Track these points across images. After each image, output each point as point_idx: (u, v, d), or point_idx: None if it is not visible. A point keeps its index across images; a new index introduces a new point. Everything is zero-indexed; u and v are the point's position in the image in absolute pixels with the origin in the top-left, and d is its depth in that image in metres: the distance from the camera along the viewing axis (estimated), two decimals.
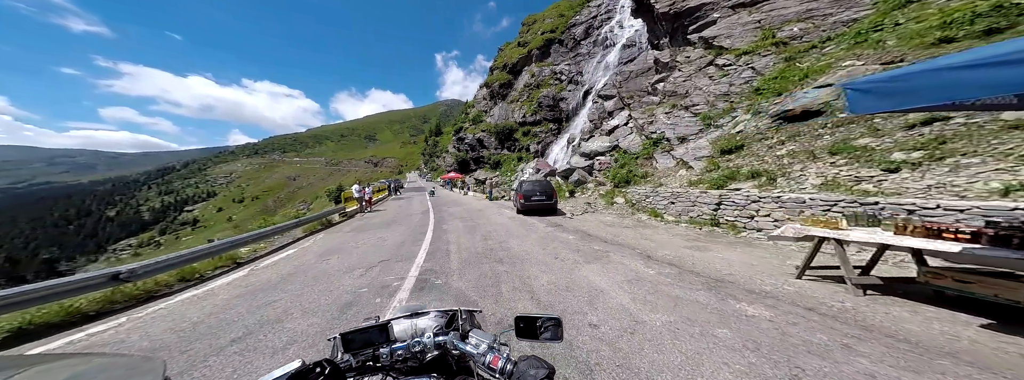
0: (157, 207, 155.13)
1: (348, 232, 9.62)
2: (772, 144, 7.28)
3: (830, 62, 7.79)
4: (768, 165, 6.78)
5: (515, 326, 0.97)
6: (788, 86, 8.29)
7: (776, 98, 8.39)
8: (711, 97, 11.38)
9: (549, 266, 5.00)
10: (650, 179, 11.16)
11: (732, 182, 7.00)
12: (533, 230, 8.28)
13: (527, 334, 0.96)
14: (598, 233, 7.41)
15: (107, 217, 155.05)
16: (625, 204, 10.99)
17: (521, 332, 0.97)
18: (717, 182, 7.25)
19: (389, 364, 0.90)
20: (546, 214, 11.07)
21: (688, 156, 9.91)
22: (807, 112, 6.77)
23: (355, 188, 15.11)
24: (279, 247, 7.84)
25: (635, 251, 5.62)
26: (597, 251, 5.73)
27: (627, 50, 28.42)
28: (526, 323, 0.96)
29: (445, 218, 11.51)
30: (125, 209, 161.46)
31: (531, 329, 0.96)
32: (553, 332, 0.94)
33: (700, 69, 13.28)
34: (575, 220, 9.70)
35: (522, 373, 0.73)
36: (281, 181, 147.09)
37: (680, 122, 11.68)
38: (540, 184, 11.46)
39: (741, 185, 6.69)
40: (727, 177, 7.18)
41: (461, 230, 8.81)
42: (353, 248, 7.23)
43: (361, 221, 12.22)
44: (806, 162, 6.13)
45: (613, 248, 5.90)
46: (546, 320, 0.95)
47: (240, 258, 6.67)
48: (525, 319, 0.97)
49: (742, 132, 8.50)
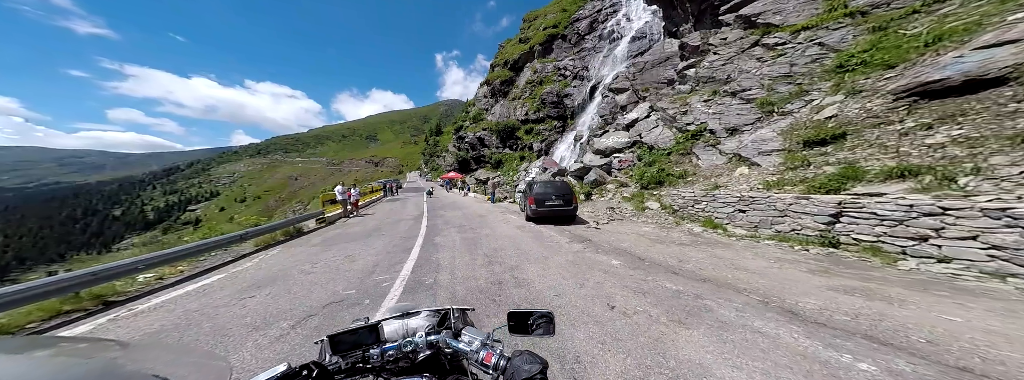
0: (161, 206, 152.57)
1: (313, 246, 7.25)
2: (906, 129, 4.93)
3: (975, 20, 5.44)
4: (917, 159, 4.45)
5: (508, 323, 0.95)
6: (906, 55, 5.94)
7: (887, 72, 6.05)
8: (766, 80, 9.03)
9: (606, 326, 2.68)
10: (691, 179, 8.80)
11: (855, 183, 4.67)
12: (554, 247, 5.93)
13: (520, 330, 0.93)
14: (652, 255, 5.05)
15: (113, 216, 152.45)
16: (661, 210, 8.63)
17: (514, 328, 0.94)
18: (826, 184, 4.92)
19: (380, 365, 0.84)
20: (564, 222, 8.72)
21: (747, 150, 7.57)
22: (973, 82, 4.44)
23: (338, 190, 12.72)
24: (201, 271, 5.46)
25: (746, 295, 3.28)
26: (677, 294, 3.39)
27: (637, 42, 26.12)
28: (518, 319, 0.94)
29: (439, 227, 9.14)
30: (130, 208, 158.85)
31: (524, 325, 0.93)
32: (546, 328, 0.92)
33: (743, 51, 10.93)
34: (604, 232, 7.34)
35: (516, 368, 0.72)
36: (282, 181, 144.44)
37: (727, 110, 9.33)
38: (555, 186, 9.09)
39: (880, 188, 4.33)
40: (845, 176, 4.84)
41: (458, 246, 6.44)
42: (302, 275, 4.86)
43: (340, 229, 9.85)
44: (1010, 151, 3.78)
45: (701, 288, 3.55)
46: (539, 316, 0.92)
47: (119, 294, 4.29)
48: (517, 315, 0.94)
49: (836, 117, 6.15)
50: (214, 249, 6.24)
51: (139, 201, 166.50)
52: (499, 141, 31.31)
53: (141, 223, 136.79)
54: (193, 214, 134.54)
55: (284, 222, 8.30)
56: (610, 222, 8.61)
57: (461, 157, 35.57)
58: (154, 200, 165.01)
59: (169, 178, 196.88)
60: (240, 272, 5.31)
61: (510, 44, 41.22)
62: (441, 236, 7.62)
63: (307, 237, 8.45)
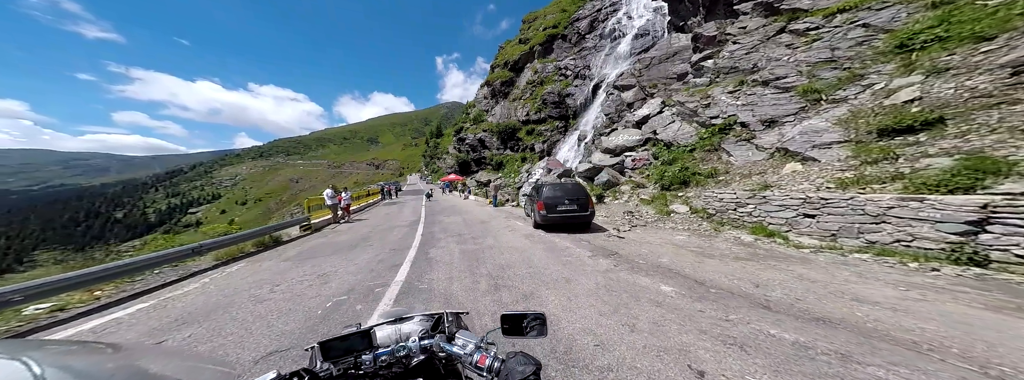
0: (163, 209, 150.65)
1: (285, 260, 5.97)
2: None
3: None
4: None
5: (501, 325, 0.93)
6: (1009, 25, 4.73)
7: (980, 44, 4.84)
8: (803, 66, 7.84)
9: None
10: (724, 179, 7.57)
11: (998, 179, 3.41)
12: (576, 264, 4.68)
13: (514, 332, 0.92)
14: (711, 277, 3.79)
15: (115, 219, 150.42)
16: (692, 214, 7.39)
17: (508, 331, 0.92)
18: (945, 180, 3.68)
19: (373, 371, 0.82)
20: (578, 230, 7.48)
21: (795, 143, 6.35)
22: None
23: (327, 194, 11.43)
24: (126, 296, 4.15)
25: (934, 358, 2.00)
26: (802, 351, 2.10)
27: (640, 40, 25.08)
28: (512, 321, 0.92)
29: (436, 235, 7.88)
30: (132, 211, 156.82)
31: (517, 327, 0.92)
32: (539, 329, 0.91)
33: (768, 38, 9.77)
34: (631, 242, 6.09)
35: (510, 370, 0.71)
36: (284, 183, 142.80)
37: (760, 101, 8.13)
38: (567, 188, 7.84)
39: None
40: (976, 170, 3.57)
41: (456, 262, 5.18)
42: (252, 304, 3.58)
43: (325, 237, 8.56)
44: None
45: (834, 339, 2.26)
46: (532, 318, 0.91)
47: None
48: (510, 317, 0.93)
49: (921, 100, 4.94)
50: (159, 266, 4.95)
51: (141, 204, 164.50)
52: (500, 142, 30.13)
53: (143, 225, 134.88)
54: (194, 216, 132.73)
55: (256, 231, 6.99)
56: (632, 229, 7.36)
57: (461, 159, 34.37)
58: (156, 203, 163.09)
59: (172, 180, 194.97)
60: (174, 299, 4.02)
61: (510, 45, 40.25)
62: (437, 248, 6.35)
63: (283, 248, 7.16)
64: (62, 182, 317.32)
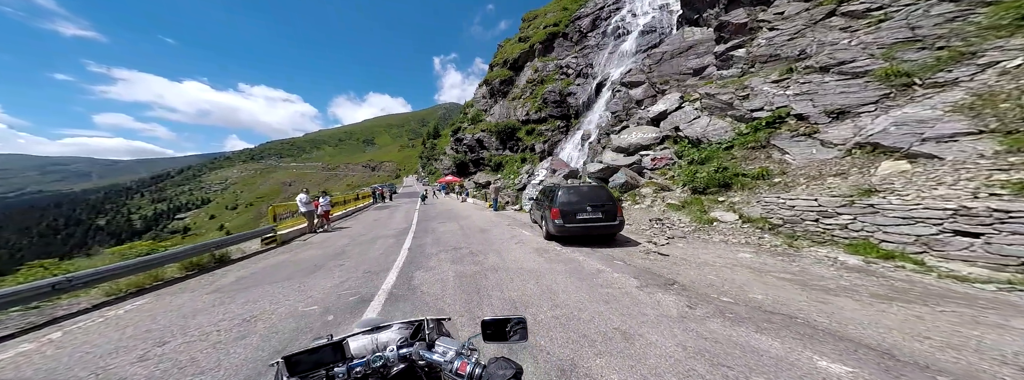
0: (149, 215, 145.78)
1: (214, 291, 4.33)
2: None
3: None
4: None
5: (482, 331, 0.90)
6: None
7: None
8: (875, 48, 6.53)
9: None
10: (781, 180, 6.16)
11: None
12: (624, 302, 3.14)
13: (495, 337, 0.89)
14: (884, 339, 2.28)
15: (97, 226, 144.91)
16: (744, 224, 5.93)
17: (489, 336, 0.90)
18: None
19: None
20: (601, 242, 5.97)
21: (892, 137, 4.97)
22: None
23: (301, 199, 9.78)
24: None
25: None
26: None
27: (646, 36, 24.06)
28: (493, 326, 0.89)
29: (427, 249, 6.30)
30: (116, 218, 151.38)
31: (498, 332, 0.89)
32: (521, 333, 0.89)
33: (814, 22, 8.53)
34: (681, 263, 4.59)
35: (491, 375, 0.70)
36: (276, 187, 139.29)
37: (820, 89, 6.78)
38: (587, 192, 6.31)
39: None
40: None
41: (449, 295, 3.60)
42: None
43: (289, 253, 6.92)
44: None
45: None
46: (515, 322, 0.90)
47: None
48: (491, 323, 0.90)
49: None
50: (4, 309, 3.29)
51: (126, 210, 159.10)
52: (499, 142, 28.70)
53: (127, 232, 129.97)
54: (181, 222, 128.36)
55: (188, 250, 5.28)
56: (669, 242, 5.87)
57: (459, 160, 32.86)
58: (142, 208, 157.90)
59: (158, 185, 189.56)
60: None
61: (509, 43, 39.23)
62: (426, 269, 4.78)
63: (224, 271, 5.50)
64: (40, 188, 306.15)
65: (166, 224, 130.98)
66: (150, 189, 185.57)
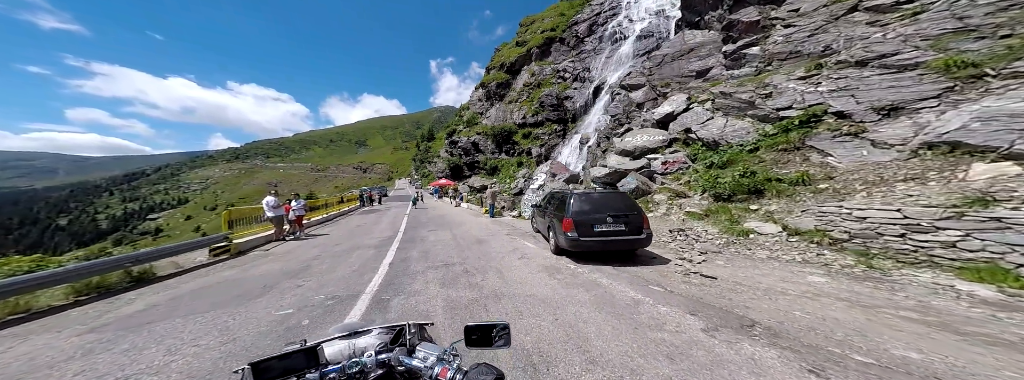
0: (118, 215, 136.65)
1: (90, 331, 3.02)
2: None
3: None
4: None
5: (465, 336, 0.88)
6: None
7: None
8: (918, 40, 5.87)
9: None
10: (828, 186, 5.32)
11: None
12: (692, 357, 2.08)
13: (478, 343, 0.87)
14: None
15: (57, 226, 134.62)
16: (790, 237, 5.02)
17: (472, 341, 0.87)
18: None
19: None
20: (623, 259, 4.94)
21: (978, 135, 4.22)
22: None
23: (268, 202, 8.39)
24: None
25: None
26: None
27: (643, 41, 23.81)
28: (475, 332, 0.87)
29: (412, 266, 5.09)
30: (80, 217, 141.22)
31: (481, 338, 0.87)
32: (506, 339, 0.87)
33: (836, 18, 7.95)
34: (739, 289, 3.58)
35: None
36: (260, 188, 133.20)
37: (863, 84, 6.05)
38: (603, 199, 5.27)
39: None
40: None
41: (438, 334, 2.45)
42: None
43: (235, 269, 5.56)
44: None
45: None
46: (500, 328, 0.87)
47: None
48: (474, 328, 0.87)
49: None
50: None
51: (92, 209, 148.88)
52: (495, 146, 27.70)
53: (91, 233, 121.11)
54: (154, 223, 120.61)
55: (83, 267, 3.90)
56: (705, 258, 4.90)
57: (453, 163, 31.59)
58: (111, 208, 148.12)
59: (131, 184, 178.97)
60: None
61: (506, 47, 38.69)
62: (408, 294, 3.60)
63: (138, 293, 4.15)
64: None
65: (136, 225, 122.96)
66: (122, 187, 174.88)
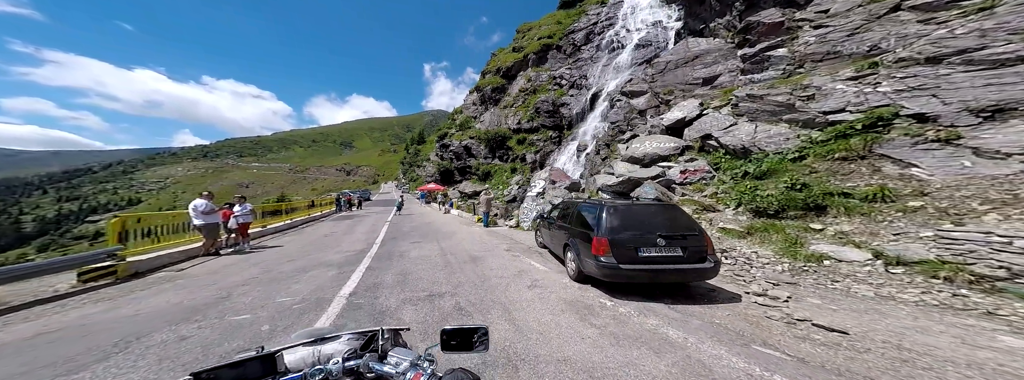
0: (49, 216, 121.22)
1: None
2: None
3: None
4: None
5: (442, 340, 0.84)
6: None
7: None
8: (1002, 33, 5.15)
9: None
10: (926, 205, 4.27)
11: None
12: None
13: (457, 347, 0.84)
14: None
15: None
16: (887, 267, 3.87)
17: (448, 346, 0.84)
18: None
19: None
20: (673, 292, 3.57)
21: None
22: None
23: (197, 205, 6.41)
24: None
25: None
26: None
27: (641, 50, 23.74)
28: (452, 336, 0.84)
29: (382, 298, 3.43)
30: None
31: (459, 342, 0.84)
32: (485, 343, 0.85)
33: (876, 17, 7.36)
34: (881, 354, 2.29)
35: None
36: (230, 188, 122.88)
37: (944, 82, 5.22)
38: (647, 214, 3.93)
39: None
40: None
41: None
42: None
43: (107, 302, 3.68)
44: None
45: None
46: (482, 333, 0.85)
47: None
48: (451, 332, 0.85)
49: None
50: None
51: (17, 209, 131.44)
52: (488, 151, 26.31)
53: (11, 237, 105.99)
54: (94, 226, 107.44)
55: None
56: (788, 294, 3.62)
57: (444, 167, 29.81)
58: (42, 208, 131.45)
59: (71, 182, 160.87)
60: None
61: (503, 53, 38.22)
62: None
63: None
64: None
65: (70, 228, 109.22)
66: (60, 185, 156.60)
